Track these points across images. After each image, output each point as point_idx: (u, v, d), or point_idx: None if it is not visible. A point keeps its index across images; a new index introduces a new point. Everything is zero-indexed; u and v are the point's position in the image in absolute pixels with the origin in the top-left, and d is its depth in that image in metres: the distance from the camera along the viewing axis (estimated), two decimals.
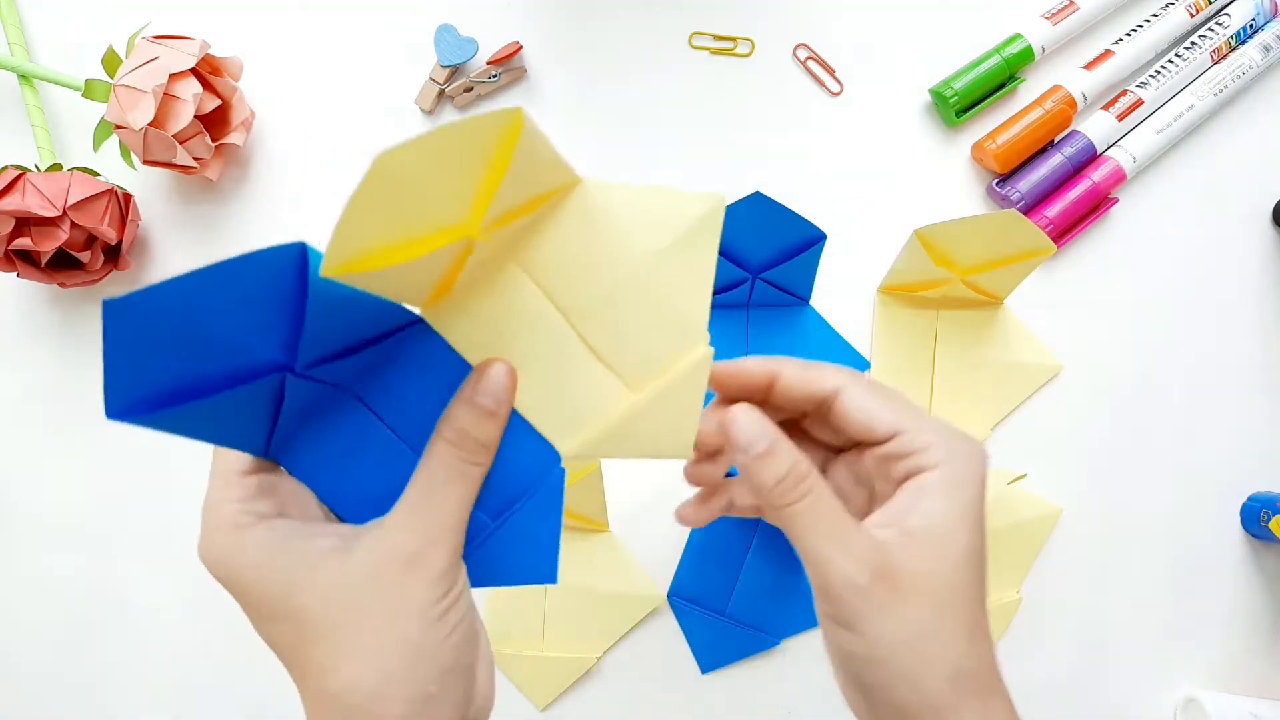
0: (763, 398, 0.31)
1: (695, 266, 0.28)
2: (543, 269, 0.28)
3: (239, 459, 0.27)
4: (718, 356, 0.29)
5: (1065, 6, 0.51)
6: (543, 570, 0.28)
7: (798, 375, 0.31)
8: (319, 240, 0.26)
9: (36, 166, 0.48)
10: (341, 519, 0.28)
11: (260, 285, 0.24)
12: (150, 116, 0.44)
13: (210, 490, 0.27)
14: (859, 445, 0.31)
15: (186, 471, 0.51)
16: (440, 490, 0.26)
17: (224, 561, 0.26)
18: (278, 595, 0.25)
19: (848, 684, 0.29)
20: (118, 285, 0.52)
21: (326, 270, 0.25)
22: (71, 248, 0.46)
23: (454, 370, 0.28)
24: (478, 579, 0.28)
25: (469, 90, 0.51)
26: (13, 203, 0.44)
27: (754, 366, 0.31)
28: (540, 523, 0.28)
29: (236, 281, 0.23)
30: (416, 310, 0.28)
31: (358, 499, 0.28)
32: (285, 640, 0.26)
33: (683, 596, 0.49)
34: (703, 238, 0.28)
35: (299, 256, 0.25)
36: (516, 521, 0.28)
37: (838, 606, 0.27)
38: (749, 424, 0.28)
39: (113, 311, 0.21)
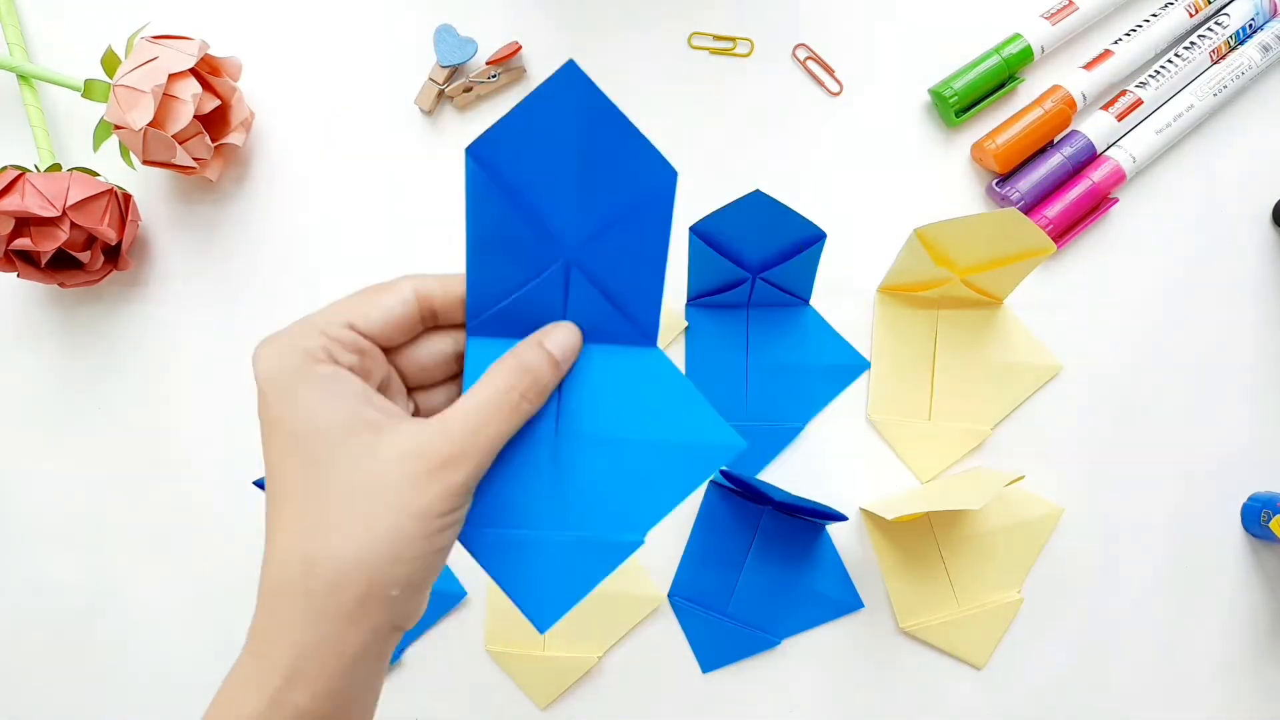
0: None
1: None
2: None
3: (361, 318, 0.27)
4: (717, 355, 0.30)
5: (1065, 6, 0.51)
6: (543, 610, 0.28)
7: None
8: (319, 242, 0.26)
9: (36, 167, 0.48)
10: None
11: (627, 173, 0.26)
12: (150, 117, 0.44)
13: (312, 316, 0.27)
14: None
15: (186, 471, 0.51)
16: (489, 413, 0.27)
17: (275, 375, 0.26)
18: (305, 436, 0.25)
19: None
20: (117, 286, 0.52)
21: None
22: (71, 248, 0.46)
23: (649, 399, 0.29)
24: (494, 560, 0.28)
25: (468, 90, 0.51)
26: (12, 203, 0.44)
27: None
28: (581, 569, 0.28)
29: (623, 152, 0.26)
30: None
31: None
32: (290, 481, 0.26)
33: (683, 596, 0.49)
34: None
35: (667, 182, 0.27)
36: (566, 550, 0.28)
37: None
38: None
39: (569, 74, 0.25)
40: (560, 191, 0.26)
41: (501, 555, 0.28)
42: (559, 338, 0.28)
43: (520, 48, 0.51)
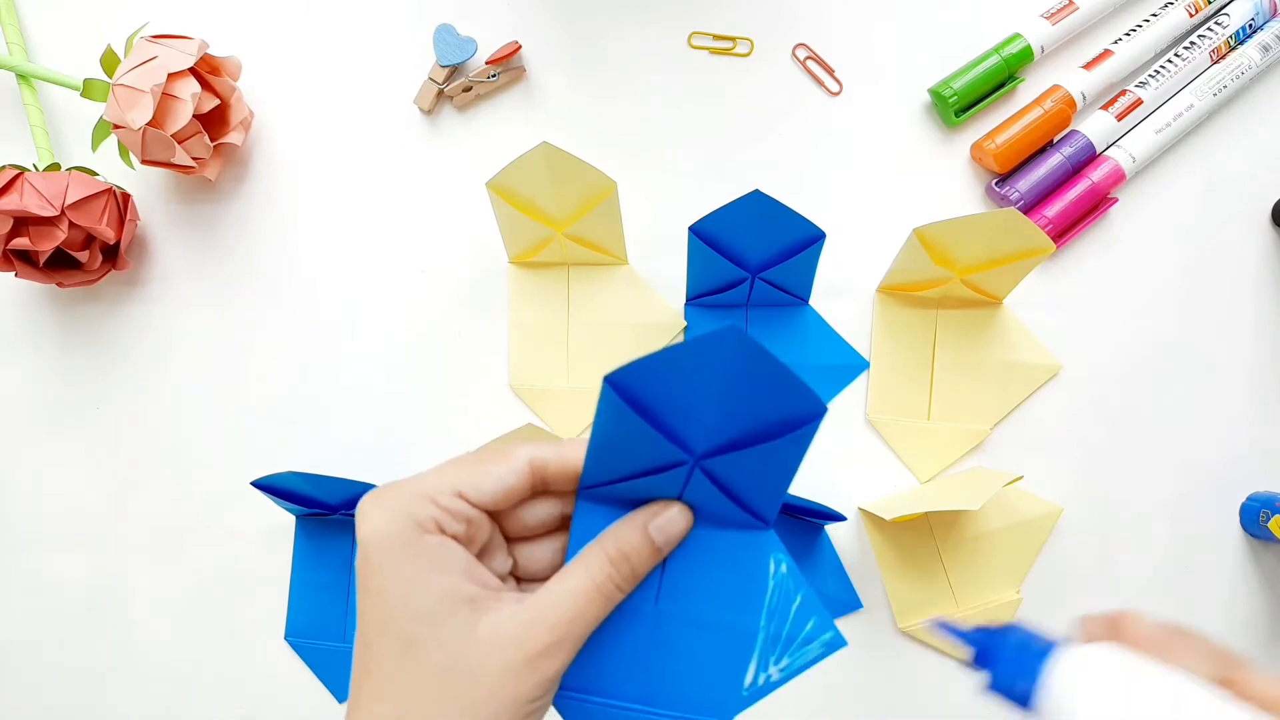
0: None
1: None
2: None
3: (473, 489, 0.27)
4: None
5: (1064, 6, 0.50)
6: None
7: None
8: (318, 241, 0.26)
9: (35, 166, 0.48)
10: None
11: (773, 401, 0.25)
12: (149, 116, 0.44)
13: (424, 479, 0.27)
14: None
15: (185, 471, 0.51)
16: (585, 601, 0.27)
17: (382, 542, 0.26)
18: (403, 613, 0.25)
19: None
20: (116, 285, 0.52)
21: (491, 185, 0.40)
22: (70, 247, 0.46)
23: (752, 585, 0.29)
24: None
25: (468, 90, 0.51)
26: (11, 202, 0.44)
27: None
28: None
29: (771, 385, 0.25)
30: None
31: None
32: (382, 656, 0.26)
33: None
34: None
35: (814, 415, 0.25)
36: None
37: None
38: None
39: (725, 339, 0.24)
40: (702, 412, 0.26)
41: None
42: (664, 522, 0.28)
43: (520, 47, 0.51)
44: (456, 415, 0.51)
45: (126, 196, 0.49)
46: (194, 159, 0.47)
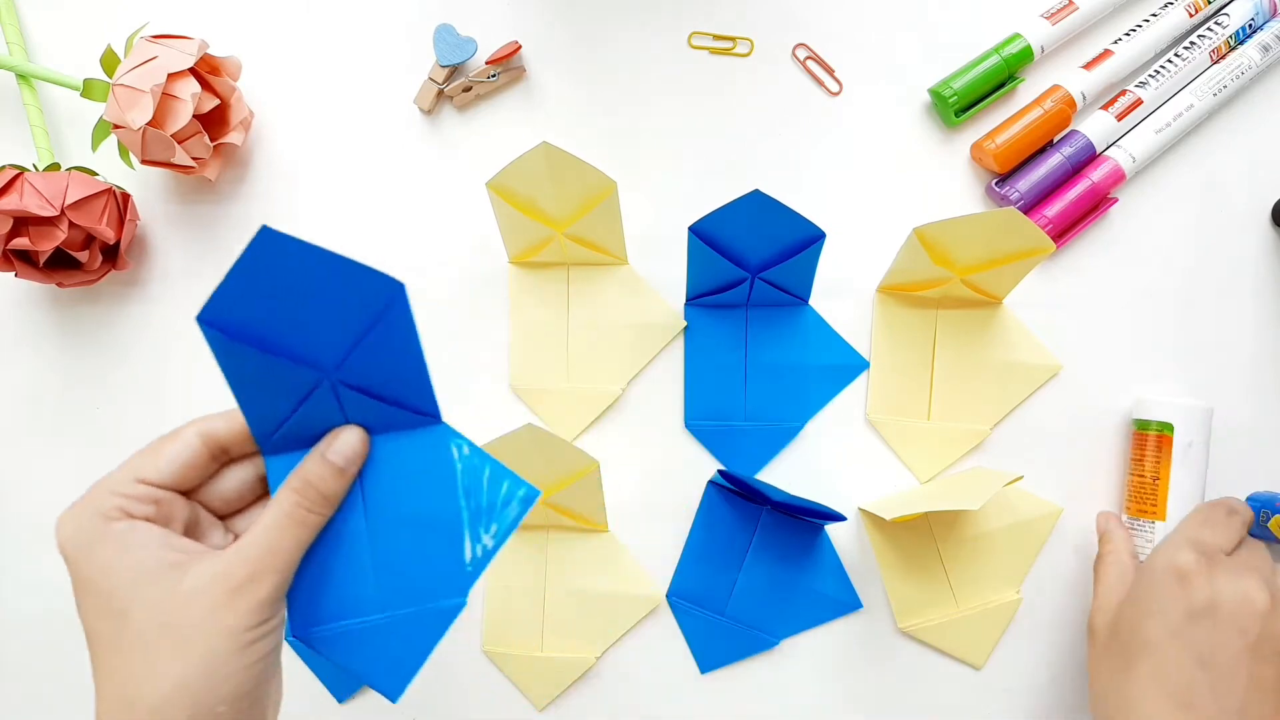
0: None
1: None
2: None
3: (149, 471, 0.29)
4: (716, 355, 0.31)
5: (1064, 6, 0.50)
6: (391, 682, 0.31)
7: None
8: (318, 242, 0.27)
9: (35, 166, 0.48)
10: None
11: (355, 296, 0.28)
12: (149, 116, 0.44)
13: (103, 479, 0.30)
14: None
15: None
16: (278, 531, 0.29)
17: (74, 540, 0.28)
18: (108, 592, 0.28)
19: None
20: (115, 285, 0.52)
21: (491, 185, 0.42)
22: (70, 247, 0.46)
23: (442, 472, 0.32)
24: (335, 651, 0.31)
25: (468, 90, 0.51)
26: (11, 202, 0.44)
27: None
28: (416, 640, 0.31)
29: (346, 280, 0.28)
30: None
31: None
32: (102, 637, 0.28)
33: (682, 596, 0.49)
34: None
35: (394, 293, 0.28)
36: (399, 626, 0.31)
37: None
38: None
39: (264, 239, 0.26)
40: (299, 326, 0.28)
41: (344, 646, 0.31)
42: (340, 444, 0.31)
43: (520, 47, 0.51)
44: (456, 415, 0.50)
45: (126, 196, 0.49)
46: (194, 159, 0.47)
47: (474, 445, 0.32)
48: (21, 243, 0.45)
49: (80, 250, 0.47)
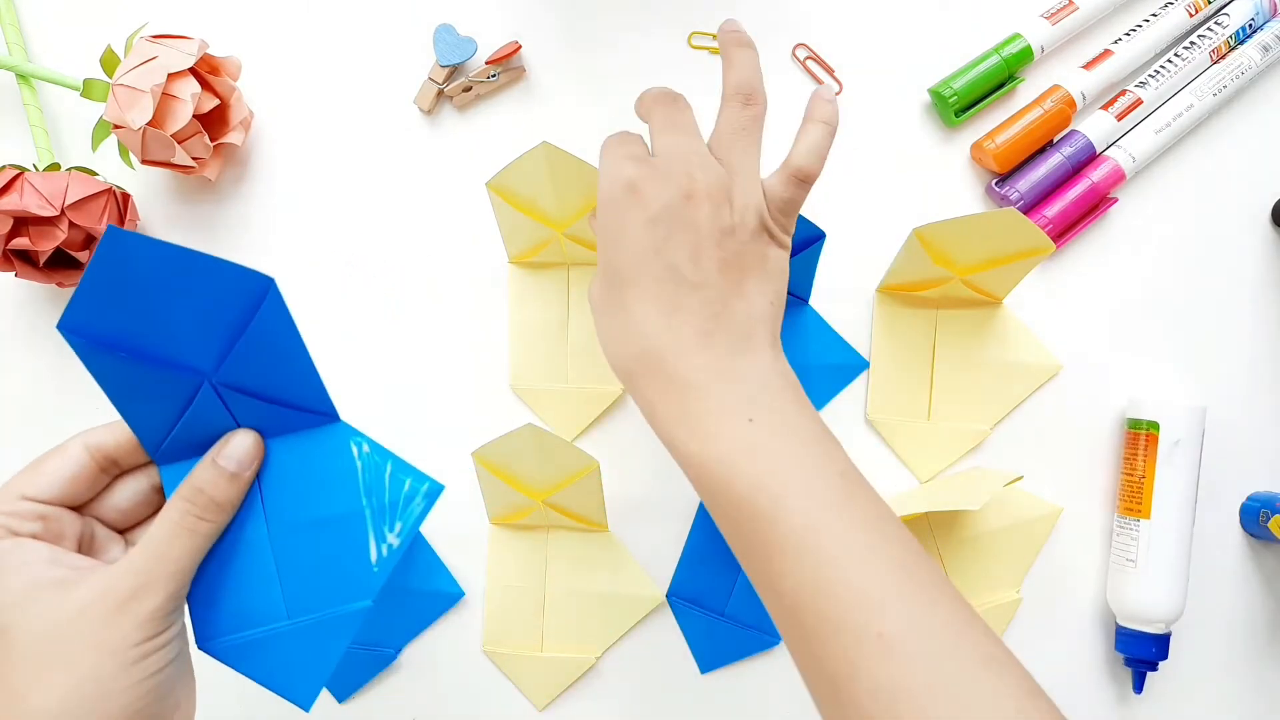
0: None
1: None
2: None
3: (32, 487, 0.29)
4: None
5: (1064, 6, 0.50)
6: (300, 691, 0.30)
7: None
8: (318, 242, 0.26)
9: (35, 166, 0.48)
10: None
11: (224, 294, 0.27)
12: (149, 116, 0.44)
13: None
14: None
15: None
16: (168, 540, 0.28)
17: None
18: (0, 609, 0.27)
19: None
20: None
21: (491, 185, 0.41)
22: (69, 247, 0.46)
23: (342, 472, 0.31)
24: (240, 663, 0.30)
25: (468, 90, 0.51)
26: (11, 202, 0.44)
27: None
28: (323, 647, 0.30)
29: (211, 278, 0.27)
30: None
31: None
32: None
33: (682, 596, 0.49)
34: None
35: (264, 289, 0.28)
36: (304, 633, 0.30)
37: None
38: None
39: (113, 240, 0.25)
40: (168, 329, 0.27)
41: (249, 656, 0.30)
42: (231, 449, 0.30)
43: (520, 47, 0.51)
44: (456, 415, 0.51)
45: (126, 196, 0.49)
46: (194, 159, 0.47)
47: (374, 442, 0.31)
48: (21, 243, 0.45)
49: (80, 250, 0.47)
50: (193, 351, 0.28)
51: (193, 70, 0.46)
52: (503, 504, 0.48)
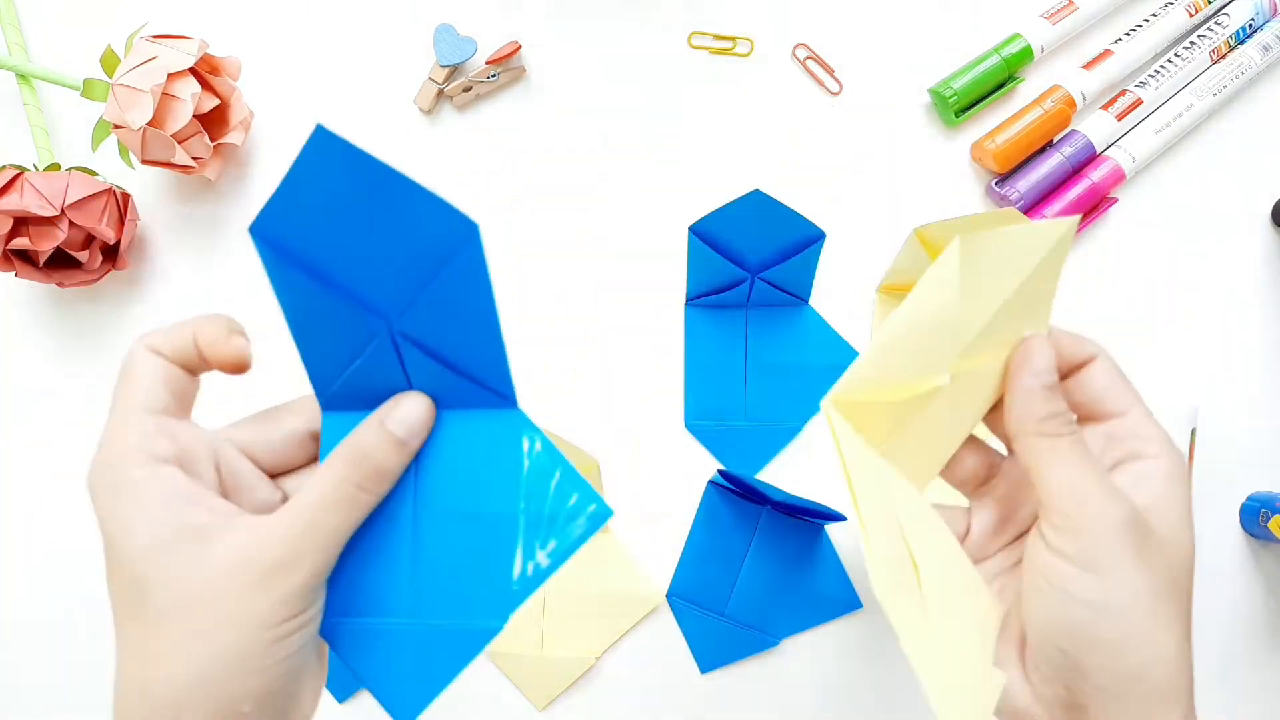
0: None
1: (1040, 298, 0.34)
2: None
3: (148, 395, 0.25)
4: (716, 355, 0.29)
5: (1064, 6, 0.50)
6: (404, 703, 0.27)
7: (1068, 337, 0.31)
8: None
9: (35, 166, 0.48)
10: None
11: (422, 231, 0.23)
12: (149, 116, 0.44)
13: (111, 420, 0.26)
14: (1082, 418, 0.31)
15: None
16: (324, 509, 0.25)
17: (104, 494, 0.25)
18: (127, 555, 0.24)
19: (1046, 647, 0.27)
20: (115, 285, 0.52)
21: (832, 398, 0.29)
22: (70, 247, 0.46)
23: (507, 466, 0.27)
24: (352, 651, 0.27)
25: (468, 90, 0.51)
26: (11, 202, 0.44)
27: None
28: (442, 660, 0.27)
29: (412, 209, 0.23)
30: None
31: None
32: (125, 607, 0.25)
33: (682, 596, 0.49)
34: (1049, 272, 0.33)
35: (466, 235, 0.23)
36: (426, 639, 0.27)
37: (1085, 543, 0.26)
38: (1046, 354, 0.31)
39: (320, 142, 0.22)
40: (361, 259, 0.24)
41: (360, 646, 0.27)
42: (402, 413, 0.26)
43: (520, 47, 0.51)
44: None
45: (126, 196, 0.49)
46: (194, 159, 0.47)
47: (548, 442, 0.27)
48: (21, 243, 0.45)
49: (80, 250, 0.47)
50: (379, 290, 0.24)
51: (193, 70, 0.46)
52: None
